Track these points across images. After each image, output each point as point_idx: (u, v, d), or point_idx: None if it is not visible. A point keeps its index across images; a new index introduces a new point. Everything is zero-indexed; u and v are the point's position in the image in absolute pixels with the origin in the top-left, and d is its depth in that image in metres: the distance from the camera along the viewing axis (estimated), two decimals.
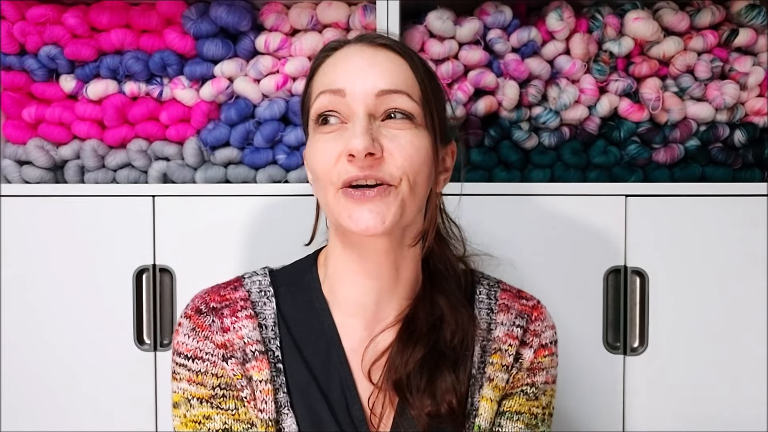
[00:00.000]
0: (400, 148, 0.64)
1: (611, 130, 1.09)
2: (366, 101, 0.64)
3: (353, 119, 0.64)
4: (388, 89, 0.64)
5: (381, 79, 0.65)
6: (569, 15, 1.06)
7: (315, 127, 0.67)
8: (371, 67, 0.65)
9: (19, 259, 1.08)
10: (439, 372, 0.69)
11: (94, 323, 1.07)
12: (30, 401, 1.08)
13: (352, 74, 0.65)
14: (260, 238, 1.05)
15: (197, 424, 0.69)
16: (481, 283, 0.79)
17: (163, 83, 1.09)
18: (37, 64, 1.09)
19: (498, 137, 1.09)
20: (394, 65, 0.66)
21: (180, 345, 0.71)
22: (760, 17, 1.07)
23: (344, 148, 0.63)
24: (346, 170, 0.63)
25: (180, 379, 0.70)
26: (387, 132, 0.65)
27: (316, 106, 0.66)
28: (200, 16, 1.06)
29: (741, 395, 1.04)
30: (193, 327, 0.71)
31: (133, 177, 1.11)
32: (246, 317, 0.71)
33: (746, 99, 1.09)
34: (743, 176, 1.09)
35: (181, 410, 0.70)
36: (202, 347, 0.70)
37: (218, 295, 0.73)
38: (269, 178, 1.09)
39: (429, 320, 0.72)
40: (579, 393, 1.04)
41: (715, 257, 1.04)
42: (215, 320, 0.70)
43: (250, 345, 0.70)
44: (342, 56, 0.68)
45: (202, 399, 0.69)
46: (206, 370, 0.69)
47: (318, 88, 0.67)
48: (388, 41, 0.68)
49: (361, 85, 0.64)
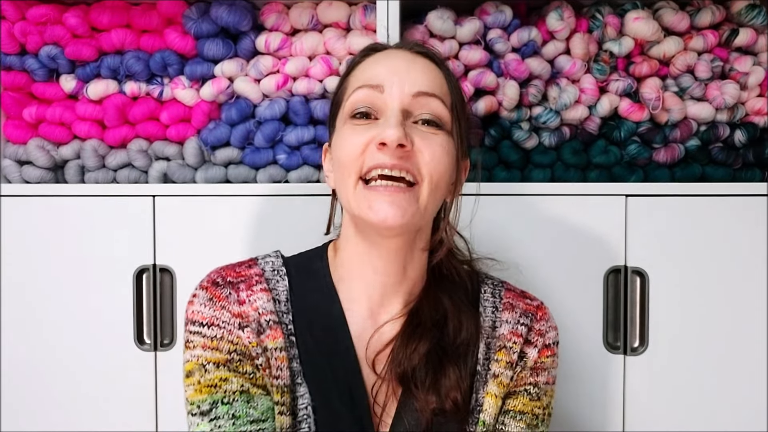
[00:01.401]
0: (430, 148, 0.67)
1: (611, 130, 1.09)
2: (402, 99, 0.67)
3: (387, 113, 0.67)
4: (425, 91, 0.68)
5: (419, 81, 0.68)
6: (569, 15, 1.06)
7: (347, 119, 0.69)
8: (410, 69, 0.69)
9: (19, 259, 1.08)
10: (443, 369, 0.71)
11: (94, 323, 1.07)
12: (30, 401, 1.08)
13: (391, 73, 0.68)
14: (260, 238, 1.05)
15: (213, 388, 0.68)
16: (486, 282, 0.81)
17: (164, 83, 1.09)
18: (38, 64, 1.09)
19: (498, 137, 1.09)
20: (431, 71, 0.70)
21: (195, 314, 0.71)
22: (761, 17, 1.07)
23: (374, 136, 0.65)
24: (374, 158, 0.65)
25: (194, 347, 0.70)
26: (418, 131, 0.68)
27: (353, 99, 0.69)
28: (201, 15, 1.07)
29: (741, 395, 1.04)
30: (210, 297, 0.71)
31: (134, 177, 1.11)
32: (261, 290, 0.72)
33: (746, 99, 1.09)
34: (743, 176, 1.09)
35: (195, 377, 0.69)
36: (219, 315, 0.70)
37: (234, 271, 0.74)
38: (270, 178, 1.09)
39: (433, 316, 0.73)
40: (579, 393, 1.04)
41: (715, 257, 1.04)
42: (232, 292, 0.72)
43: (264, 315, 0.71)
44: (382, 57, 0.72)
45: (219, 363, 0.69)
46: (222, 336, 0.69)
47: (356, 83, 0.70)
48: (426, 50, 0.73)
49: (398, 84, 0.67)
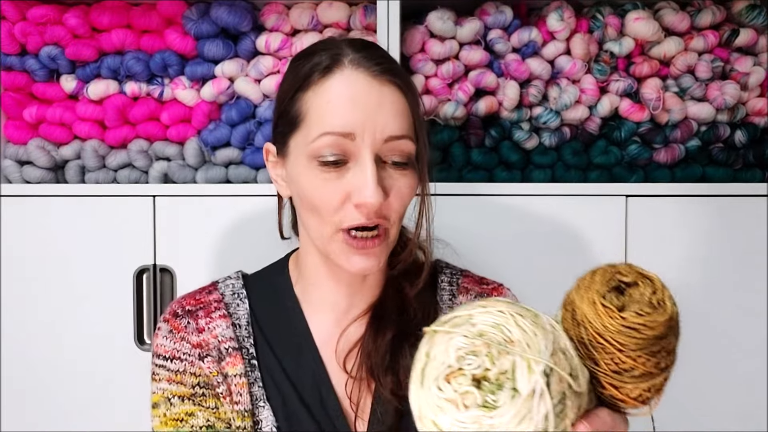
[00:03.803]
0: (399, 194, 0.67)
1: (612, 131, 1.09)
2: (374, 146, 0.64)
3: (360, 162, 0.64)
4: (396, 135, 0.65)
5: (389, 124, 0.65)
6: (570, 15, 1.06)
7: (313, 161, 0.65)
8: (380, 108, 0.64)
9: (19, 259, 1.08)
10: (402, 350, 0.71)
11: (94, 323, 1.07)
12: (30, 401, 1.08)
13: (361, 116, 0.64)
14: (261, 238, 1.05)
15: (179, 422, 0.70)
16: (444, 272, 0.82)
17: (164, 83, 1.09)
18: (38, 65, 1.09)
19: (499, 137, 1.08)
20: (399, 105, 0.66)
21: (158, 347, 0.74)
22: (761, 17, 1.07)
23: (350, 192, 0.64)
24: (353, 217, 0.64)
25: (159, 380, 0.73)
26: (388, 175, 0.66)
27: (320, 144, 0.64)
28: (201, 16, 1.06)
29: (741, 395, 1.04)
30: (170, 329, 0.74)
31: (134, 177, 1.11)
32: (220, 317, 0.74)
33: (747, 99, 1.09)
34: (744, 176, 1.09)
35: (161, 410, 0.72)
36: (179, 348, 0.73)
37: (193, 299, 0.77)
38: (270, 179, 1.09)
39: (397, 305, 0.74)
40: None
41: (715, 257, 1.04)
42: (190, 322, 0.74)
43: (224, 343, 0.73)
44: (347, 87, 0.65)
45: (183, 397, 0.71)
46: (185, 370, 0.72)
47: (320, 123, 0.64)
48: (389, 71, 0.66)
49: (370, 129, 0.64)
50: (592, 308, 0.43)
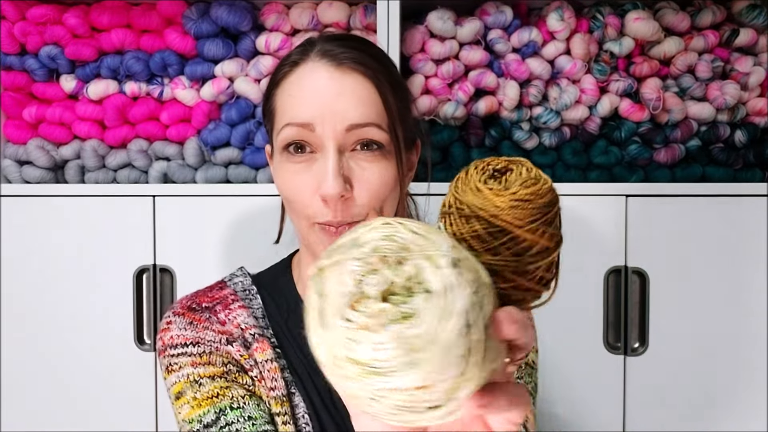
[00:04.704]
0: (367, 183, 0.63)
1: (612, 130, 1.09)
2: (336, 136, 0.62)
3: (323, 152, 0.63)
4: (358, 123, 0.63)
5: (350, 111, 0.62)
6: (570, 15, 1.06)
7: (282, 150, 0.65)
8: (339, 96, 0.62)
9: (19, 259, 1.08)
10: None
11: (94, 323, 1.07)
12: (30, 401, 1.08)
13: (319, 106, 0.62)
14: (261, 238, 1.05)
15: (214, 399, 0.65)
16: None
17: (164, 83, 1.09)
18: (38, 64, 1.09)
19: (499, 137, 1.08)
20: (363, 93, 0.63)
21: (175, 338, 0.69)
22: (761, 17, 1.07)
23: (317, 186, 0.63)
24: (321, 212, 0.63)
25: (180, 368, 0.68)
26: (355, 164, 0.64)
27: (283, 136, 0.64)
28: (201, 16, 1.06)
29: (741, 395, 1.04)
30: (190, 321, 0.70)
31: (134, 177, 1.11)
32: (239, 307, 0.72)
33: (747, 99, 1.09)
34: (744, 176, 1.09)
35: (188, 395, 0.66)
36: (203, 335, 0.69)
37: (206, 297, 0.74)
38: (270, 179, 1.09)
39: None
40: (579, 393, 1.04)
41: (715, 257, 1.04)
42: (210, 315, 0.71)
43: (248, 330, 0.70)
44: (308, 78, 0.64)
45: (214, 376, 0.67)
46: (212, 351, 0.68)
47: (283, 116, 0.65)
48: (354, 59, 0.64)
49: (330, 119, 0.62)
50: (479, 195, 0.43)
